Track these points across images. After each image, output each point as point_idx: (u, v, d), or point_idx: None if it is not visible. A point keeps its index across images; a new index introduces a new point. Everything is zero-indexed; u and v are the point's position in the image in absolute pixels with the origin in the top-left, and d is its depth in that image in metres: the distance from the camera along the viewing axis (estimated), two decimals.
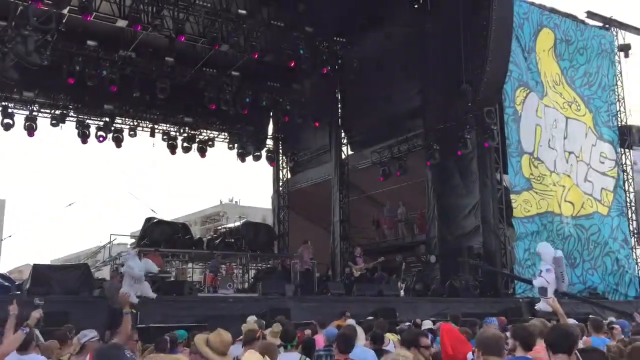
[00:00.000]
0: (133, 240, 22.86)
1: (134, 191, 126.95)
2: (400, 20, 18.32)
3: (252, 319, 8.88)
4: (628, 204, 20.17)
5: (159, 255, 17.41)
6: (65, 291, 11.85)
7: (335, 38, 19.16)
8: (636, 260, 19.81)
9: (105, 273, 21.18)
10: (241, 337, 6.33)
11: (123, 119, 21.73)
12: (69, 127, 20.71)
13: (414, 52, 18.38)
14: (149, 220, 21.49)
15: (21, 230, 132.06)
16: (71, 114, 20.74)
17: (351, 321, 8.22)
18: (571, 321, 6.23)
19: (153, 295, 10.12)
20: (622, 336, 6.90)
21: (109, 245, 22.35)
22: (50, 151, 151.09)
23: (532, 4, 18.69)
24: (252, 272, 22.88)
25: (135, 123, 21.95)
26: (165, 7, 16.31)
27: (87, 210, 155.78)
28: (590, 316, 9.44)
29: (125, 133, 21.58)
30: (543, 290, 4.57)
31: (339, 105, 22.26)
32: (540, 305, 4.60)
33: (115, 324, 7.21)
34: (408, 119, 18.52)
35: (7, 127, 19.42)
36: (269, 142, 25.65)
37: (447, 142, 17.08)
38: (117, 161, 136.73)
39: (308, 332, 8.36)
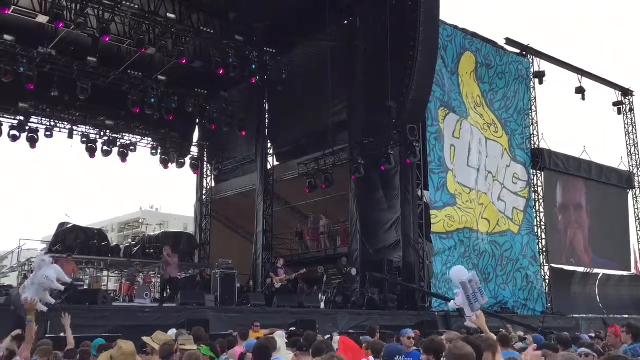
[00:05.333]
0: (44, 246, 21.80)
1: (47, 194, 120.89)
2: (330, 35, 18.59)
3: (172, 332, 8.58)
4: (538, 223, 21.23)
5: (73, 262, 16.76)
6: None
7: (265, 48, 19.13)
8: (544, 277, 20.86)
9: (12, 279, 20.09)
10: None
11: (39, 118, 20.78)
12: None
13: (342, 67, 18.64)
14: (62, 225, 20.69)
15: None
16: None
17: (280, 333, 8.19)
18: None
19: (52, 300, 9.80)
20: None
21: (17, 250, 21.26)
22: None
23: (456, 27, 19.39)
24: None
25: (52, 123, 21.01)
26: (90, 5, 15.76)
27: None
28: (500, 330, 9.82)
29: (41, 133, 20.67)
30: (462, 311, 4.76)
31: (266, 116, 22.21)
32: (468, 323, 4.79)
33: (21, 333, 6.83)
34: (334, 132, 18.73)
35: None
36: (194, 149, 25.26)
37: (372, 157, 17.37)
38: (30, 162, 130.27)
39: None
